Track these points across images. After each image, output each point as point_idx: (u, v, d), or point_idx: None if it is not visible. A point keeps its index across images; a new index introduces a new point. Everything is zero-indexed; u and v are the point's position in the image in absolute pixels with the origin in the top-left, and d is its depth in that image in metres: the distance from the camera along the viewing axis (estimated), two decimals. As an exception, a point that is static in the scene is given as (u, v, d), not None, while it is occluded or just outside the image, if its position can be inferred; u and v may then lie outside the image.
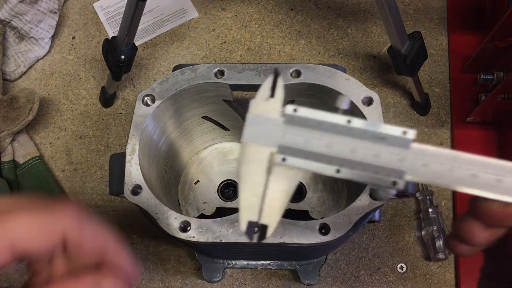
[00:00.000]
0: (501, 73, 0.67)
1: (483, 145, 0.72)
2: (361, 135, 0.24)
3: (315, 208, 0.63)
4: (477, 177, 0.24)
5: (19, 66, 0.81)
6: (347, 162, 0.24)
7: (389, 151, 0.24)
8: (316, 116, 0.25)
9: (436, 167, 0.24)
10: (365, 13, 0.84)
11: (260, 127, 0.25)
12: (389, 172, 0.24)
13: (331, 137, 0.25)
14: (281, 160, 0.25)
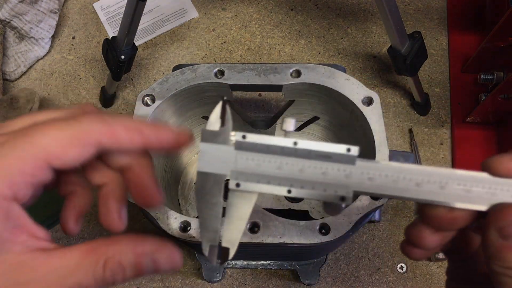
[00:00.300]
0: (501, 73, 0.67)
1: (483, 145, 0.72)
2: (308, 155, 0.26)
3: (315, 208, 0.63)
4: (421, 186, 0.25)
5: (19, 66, 0.81)
6: (297, 181, 0.26)
7: (336, 168, 0.26)
8: (265, 141, 0.26)
9: (381, 180, 0.25)
10: (365, 13, 0.84)
11: (213, 155, 0.26)
12: (337, 188, 0.26)
13: (281, 159, 0.26)
14: (235, 186, 0.26)
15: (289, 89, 0.52)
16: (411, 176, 0.25)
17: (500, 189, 0.24)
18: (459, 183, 0.25)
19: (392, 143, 0.74)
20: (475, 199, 0.25)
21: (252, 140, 0.26)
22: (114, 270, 0.24)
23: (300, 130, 0.63)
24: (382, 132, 0.47)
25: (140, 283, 0.68)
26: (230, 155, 0.26)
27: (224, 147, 0.26)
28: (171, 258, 0.26)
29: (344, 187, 0.26)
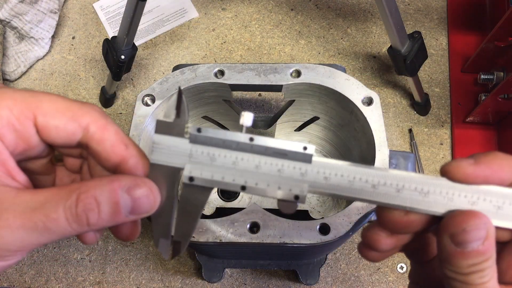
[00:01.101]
0: (501, 73, 0.67)
1: (483, 145, 0.72)
2: (264, 151, 0.25)
3: (315, 208, 0.63)
4: (377, 188, 0.25)
5: (19, 66, 0.81)
6: (252, 177, 0.25)
7: (292, 166, 0.25)
8: (220, 135, 0.26)
9: (337, 179, 0.25)
10: (365, 13, 0.84)
11: (167, 147, 0.26)
12: (291, 186, 0.25)
13: (236, 154, 0.25)
14: (189, 180, 0.26)
15: (289, 89, 0.52)
16: (367, 177, 0.25)
17: (458, 194, 0.24)
18: (416, 187, 0.25)
19: (392, 143, 0.74)
20: (432, 203, 0.24)
21: (208, 134, 0.26)
22: (88, 205, 0.23)
23: (300, 130, 0.63)
24: (382, 132, 0.47)
25: (140, 283, 0.68)
26: (184, 148, 0.26)
27: (179, 140, 0.26)
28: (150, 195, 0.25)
29: (299, 186, 0.25)
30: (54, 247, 0.71)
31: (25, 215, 0.22)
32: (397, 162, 0.47)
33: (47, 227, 0.22)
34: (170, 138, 0.26)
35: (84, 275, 0.69)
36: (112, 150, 0.25)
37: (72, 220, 0.23)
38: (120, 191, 0.23)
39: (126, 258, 0.70)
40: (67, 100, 0.25)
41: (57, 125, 0.24)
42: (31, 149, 0.25)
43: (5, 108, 0.23)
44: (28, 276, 0.70)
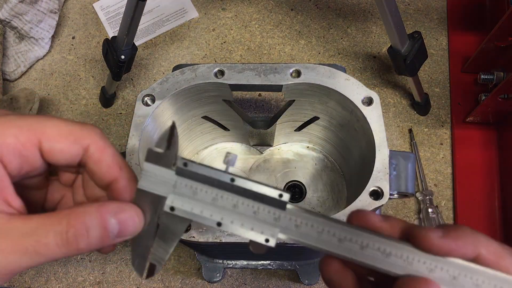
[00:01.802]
0: (501, 73, 0.67)
1: (483, 145, 0.72)
2: (243, 193, 0.27)
3: (315, 208, 0.63)
4: (343, 242, 0.26)
5: (19, 66, 0.81)
6: (228, 215, 0.27)
7: (267, 210, 0.27)
8: (204, 172, 0.27)
9: (307, 229, 0.27)
10: (365, 13, 0.84)
11: (155, 176, 0.27)
12: (264, 229, 0.27)
13: (217, 192, 0.27)
14: (170, 209, 0.27)
15: (289, 89, 0.52)
16: (335, 231, 0.27)
17: (417, 260, 0.26)
18: (380, 247, 0.26)
19: (392, 143, 0.74)
20: (392, 264, 0.26)
21: (193, 169, 0.27)
22: (78, 231, 0.24)
23: (300, 130, 0.63)
24: (382, 132, 0.47)
25: (140, 283, 0.68)
26: (170, 179, 0.27)
27: (166, 170, 0.27)
28: (135, 218, 0.26)
29: (270, 230, 0.27)
30: (54, 247, 0.71)
31: (16, 241, 0.24)
32: (397, 162, 0.47)
33: (37, 252, 0.24)
34: (158, 168, 0.27)
35: (84, 275, 0.69)
36: (108, 170, 0.28)
37: (62, 245, 0.24)
38: (108, 216, 0.25)
39: (126, 258, 0.70)
40: (69, 123, 0.27)
41: (61, 148, 0.27)
42: (34, 170, 0.27)
43: (11, 136, 0.25)
44: (28, 276, 0.70)
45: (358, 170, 0.56)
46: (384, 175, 0.45)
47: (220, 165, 0.28)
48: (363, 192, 0.44)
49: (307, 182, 0.64)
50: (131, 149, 0.48)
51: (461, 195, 0.69)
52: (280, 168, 0.65)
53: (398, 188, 0.46)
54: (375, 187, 0.45)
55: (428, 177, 0.72)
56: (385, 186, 0.45)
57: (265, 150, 0.66)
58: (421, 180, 0.71)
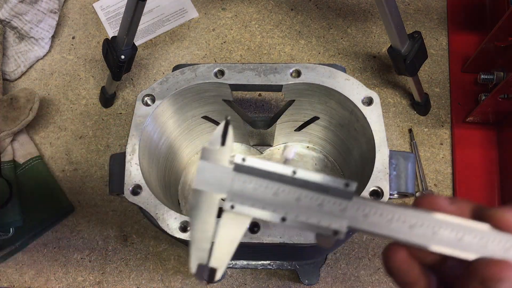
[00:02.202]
0: (501, 73, 0.67)
1: (483, 145, 0.72)
2: (306, 185, 0.26)
3: (315, 208, 0.63)
4: (413, 228, 0.25)
5: (19, 66, 0.81)
6: (292, 210, 0.26)
7: (332, 201, 0.26)
8: (264, 166, 0.26)
9: (375, 218, 0.26)
10: (365, 13, 0.84)
11: (211, 174, 0.26)
12: (331, 222, 0.26)
13: (278, 186, 0.26)
14: (230, 207, 0.26)
15: (289, 89, 0.52)
16: (405, 218, 0.25)
17: (492, 241, 0.25)
18: (452, 231, 0.25)
19: (392, 143, 0.74)
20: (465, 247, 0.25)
21: (251, 164, 0.26)
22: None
23: (300, 130, 0.63)
24: (382, 132, 0.47)
25: (140, 283, 0.68)
26: (227, 176, 0.26)
27: (223, 168, 0.26)
28: None
29: (338, 221, 0.26)
30: (54, 247, 0.71)
31: None
32: (397, 162, 0.47)
33: None
34: (214, 166, 0.26)
35: (84, 275, 0.69)
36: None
37: None
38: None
39: (126, 258, 0.70)
40: None
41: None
42: None
43: None
44: (28, 276, 0.70)
45: (358, 170, 0.56)
46: (384, 175, 0.45)
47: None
48: (363, 192, 0.44)
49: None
50: (131, 149, 0.48)
51: (461, 195, 0.69)
52: (280, 168, 0.65)
53: (398, 188, 0.46)
54: (375, 187, 0.45)
55: (428, 177, 0.72)
56: (385, 186, 0.45)
57: (265, 150, 0.66)
58: (421, 180, 0.71)
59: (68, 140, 0.77)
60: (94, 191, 0.74)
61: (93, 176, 0.75)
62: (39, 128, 0.78)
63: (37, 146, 0.77)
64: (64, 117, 0.79)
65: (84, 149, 0.77)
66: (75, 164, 0.76)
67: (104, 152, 0.76)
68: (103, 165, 0.75)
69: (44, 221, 0.71)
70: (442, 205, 0.26)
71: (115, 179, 0.48)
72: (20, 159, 0.74)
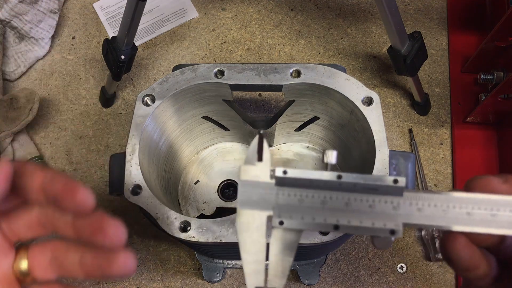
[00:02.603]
0: (501, 73, 0.67)
1: (483, 145, 0.72)
2: (353, 188, 0.25)
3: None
4: (471, 214, 0.24)
5: (19, 66, 0.81)
6: (343, 216, 0.25)
7: (383, 200, 0.25)
8: (307, 175, 0.25)
9: (430, 210, 0.25)
10: (365, 13, 0.84)
11: (253, 192, 0.25)
12: (385, 221, 0.25)
13: (324, 194, 0.25)
14: (279, 224, 0.25)
15: (289, 89, 0.52)
16: (461, 204, 0.24)
17: None
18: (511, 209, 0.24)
19: (392, 143, 0.74)
20: None
21: (294, 175, 0.25)
22: None
23: (300, 130, 0.63)
24: (382, 132, 0.47)
25: (140, 283, 0.68)
26: (271, 191, 0.25)
27: (264, 183, 0.25)
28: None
29: (393, 220, 0.25)
30: (54, 247, 0.71)
31: None
32: (397, 162, 0.47)
33: None
34: (255, 183, 0.25)
35: (84, 275, 0.69)
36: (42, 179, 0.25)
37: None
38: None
39: (126, 258, 0.70)
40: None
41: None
42: None
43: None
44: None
45: (358, 170, 0.55)
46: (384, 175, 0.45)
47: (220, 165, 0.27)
48: (363, 192, 0.44)
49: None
50: (131, 149, 0.48)
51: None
52: (280, 168, 0.65)
53: (398, 188, 0.46)
54: (375, 187, 0.45)
55: (428, 177, 0.72)
56: (385, 186, 0.45)
57: (265, 150, 0.66)
58: (421, 180, 0.71)
59: (68, 140, 0.77)
60: (94, 191, 0.74)
61: (93, 176, 0.75)
62: (39, 128, 0.78)
63: (37, 146, 0.77)
64: (64, 117, 0.79)
65: (84, 149, 0.77)
66: (75, 164, 0.76)
67: (104, 152, 0.76)
68: (103, 165, 0.75)
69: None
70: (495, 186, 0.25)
71: (115, 179, 0.48)
72: (20, 159, 0.74)
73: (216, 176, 0.65)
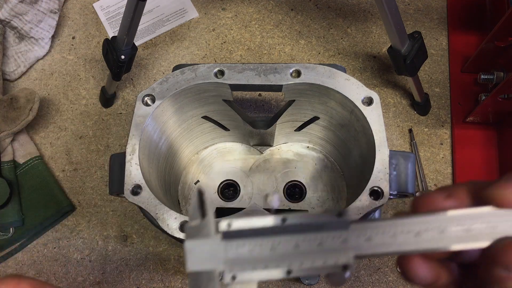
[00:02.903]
0: (501, 73, 0.67)
1: (483, 145, 0.72)
2: (300, 229, 0.25)
3: (315, 208, 0.63)
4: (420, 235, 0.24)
5: (19, 66, 0.81)
6: (295, 259, 0.24)
7: (331, 236, 0.24)
8: (251, 225, 0.25)
9: (379, 238, 0.24)
10: (365, 13, 0.84)
11: (201, 251, 0.24)
12: (337, 257, 0.24)
13: (272, 240, 0.24)
14: (231, 279, 0.24)
15: (289, 89, 0.52)
16: (408, 227, 0.24)
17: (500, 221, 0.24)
18: (458, 224, 0.24)
19: (392, 143, 0.74)
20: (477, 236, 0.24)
21: (238, 226, 0.25)
22: None
23: (300, 130, 0.63)
24: (382, 132, 0.47)
25: (140, 283, 0.68)
26: (218, 247, 0.24)
27: (210, 240, 0.24)
28: None
29: (344, 254, 0.24)
30: (54, 247, 0.71)
31: None
32: (397, 162, 0.47)
33: None
34: (201, 241, 0.24)
35: (84, 275, 0.69)
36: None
37: None
38: None
39: (126, 258, 0.70)
40: None
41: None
42: None
43: None
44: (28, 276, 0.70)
45: (358, 170, 0.56)
46: (384, 175, 0.45)
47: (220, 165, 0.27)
48: (363, 192, 0.44)
49: (307, 182, 0.64)
50: (131, 149, 0.48)
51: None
52: (280, 168, 0.65)
53: (398, 188, 0.46)
54: (375, 187, 0.45)
55: (428, 177, 0.72)
56: (385, 186, 0.45)
57: (265, 150, 0.66)
58: (421, 180, 0.71)
59: (68, 140, 0.77)
60: (94, 191, 0.74)
61: (93, 176, 0.75)
62: (39, 128, 0.78)
63: (37, 146, 0.77)
64: (64, 117, 0.79)
65: (84, 149, 0.77)
66: (75, 164, 0.76)
67: (104, 152, 0.76)
68: (103, 165, 0.75)
69: (44, 221, 0.71)
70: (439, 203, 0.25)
71: (115, 179, 0.48)
72: (20, 159, 0.74)
73: (216, 176, 0.65)
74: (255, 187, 0.64)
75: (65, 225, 0.72)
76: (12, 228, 0.70)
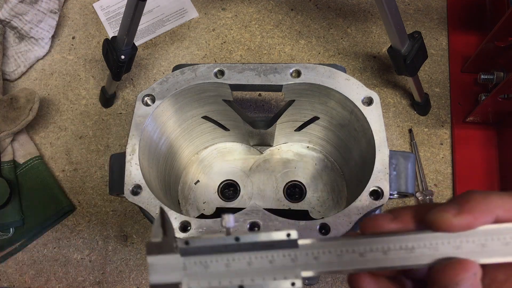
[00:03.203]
0: (501, 73, 0.67)
1: (483, 145, 0.72)
2: (252, 247, 0.27)
3: (315, 208, 0.63)
4: (364, 255, 0.26)
5: (19, 66, 0.81)
6: (247, 275, 0.26)
7: (281, 254, 0.27)
8: (207, 243, 0.27)
9: (326, 257, 0.26)
10: (365, 13, 0.84)
11: (162, 265, 0.27)
12: (286, 274, 0.26)
13: (227, 257, 0.27)
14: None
15: (289, 89, 0.52)
16: (353, 248, 0.26)
17: (441, 243, 0.25)
18: (401, 245, 0.26)
19: (392, 143, 0.74)
20: (419, 257, 0.26)
21: (195, 244, 0.27)
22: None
23: (300, 130, 0.63)
24: (382, 132, 0.47)
25: (140, 283, 0.68)
26: (177, 262, 0.27)
27: (171, 256, 0.27)
28: None
29: (292, 272, 0.26)
30: (54, 247, 0.71)
31: None
32: (397, 162, 0.47)
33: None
34: (162, 257, 0.27)
35: (84, 275, 0.69)
36: None
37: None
38: None
39: (126, 258, 0.70)
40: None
41: None
42: None
43: None
44: (28, 276, 0.70)
45: (358, 170, 0.56)
46: (384, 175, 0.45)
47: (220, 165, 0.27)
48: (363, 192, 0.44)
49: (307, 182, 0.64)
50: (131, 149, 0.48)
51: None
52: (280, 168, 0.65)
53: (398, 188, 0.46)
54: (375, 187, 0.45)
55: (428, 177, 0.72)
56: (385, 186, 0.45)
57: (265, 150, 0.66)
58: (421, 180, 0.71)
59: (68, 140, 0.77)
60: (94, 191, 0.74)
61: (93, 176, 0.75)
62: (39, 128, 0.78)
63: (37, 146, 0.77)
64: (64, 117, 0.79)
65: (84, 149, 0.77)
66: (75, 164, 0.76)
67: (104, 152, 0.76)
68: (103, 165, 0.75)
69: (44, 221, 0.71)
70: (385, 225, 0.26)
71: (115, 179, 0.48)
72: (20, 159, 0.74)
73: (216, 176, 0.65)
74: (255, 187, 0.64)
75: (65, 225, 0.72)
76: (12, 228, 0.70)
